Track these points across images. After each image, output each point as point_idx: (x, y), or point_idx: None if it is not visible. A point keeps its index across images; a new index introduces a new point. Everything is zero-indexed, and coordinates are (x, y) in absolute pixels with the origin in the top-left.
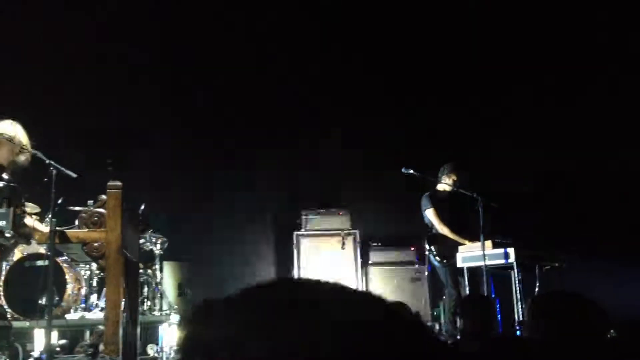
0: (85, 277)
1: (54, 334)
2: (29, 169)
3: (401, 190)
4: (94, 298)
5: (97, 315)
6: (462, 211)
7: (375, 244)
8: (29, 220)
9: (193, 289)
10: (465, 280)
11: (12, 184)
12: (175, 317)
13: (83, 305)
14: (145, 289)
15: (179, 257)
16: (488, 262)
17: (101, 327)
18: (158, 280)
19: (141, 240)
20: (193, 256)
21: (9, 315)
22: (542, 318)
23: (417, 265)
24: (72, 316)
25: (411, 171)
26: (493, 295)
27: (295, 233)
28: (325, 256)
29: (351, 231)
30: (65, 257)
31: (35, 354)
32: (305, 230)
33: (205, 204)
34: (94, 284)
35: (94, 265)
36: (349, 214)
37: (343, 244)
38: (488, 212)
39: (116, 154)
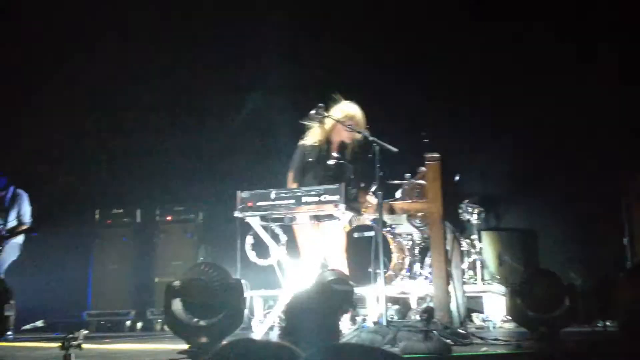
0: (407, 246)
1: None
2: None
3: None
4: (417, 267)
5: (421, 283)
6: None
7: None
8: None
9: (512, 258)
10: None
11: (342, 162)
12: (498, 287)
13: (408, 274)
14: (466, 259)
15: (497, 227)
16: None
17: (430, 294)
18: (477, 250)
19: (458, 211)
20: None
21: None
22: None
23: None
24: (398, 283)
25: None
26: None
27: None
28: None
29: None
30: (390, 228)
31: (373, 318)
32: None
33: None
34: (417, 253)
35: (416, 236)
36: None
37: None
38: None
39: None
